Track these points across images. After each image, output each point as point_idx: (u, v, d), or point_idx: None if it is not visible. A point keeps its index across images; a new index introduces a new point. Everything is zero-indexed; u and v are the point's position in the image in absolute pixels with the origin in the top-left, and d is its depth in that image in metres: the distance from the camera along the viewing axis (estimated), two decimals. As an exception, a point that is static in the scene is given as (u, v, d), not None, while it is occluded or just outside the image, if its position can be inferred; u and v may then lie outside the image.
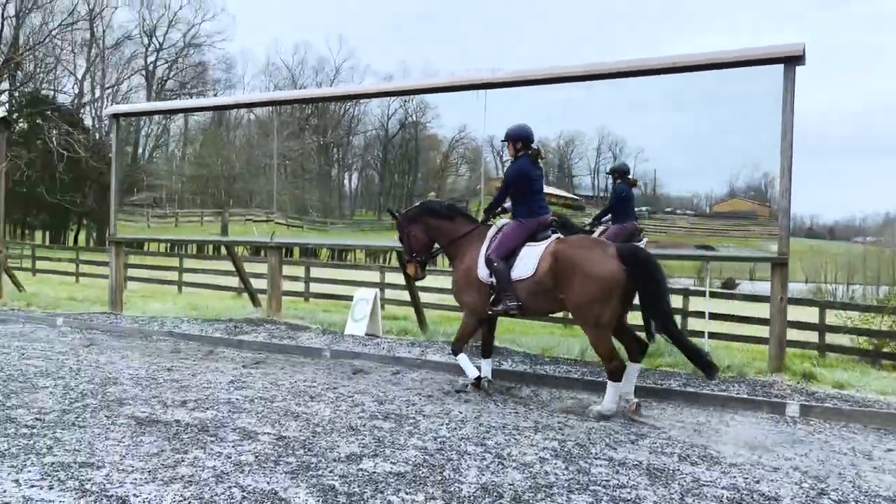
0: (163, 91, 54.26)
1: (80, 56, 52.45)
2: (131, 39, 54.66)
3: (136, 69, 55.92)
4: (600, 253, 5.44)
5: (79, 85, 52.55)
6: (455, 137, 17.79)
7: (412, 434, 4.74)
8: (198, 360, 7.28)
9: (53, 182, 40.43)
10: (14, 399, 5.27)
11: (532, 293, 5.69)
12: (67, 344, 8.04)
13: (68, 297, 13.02)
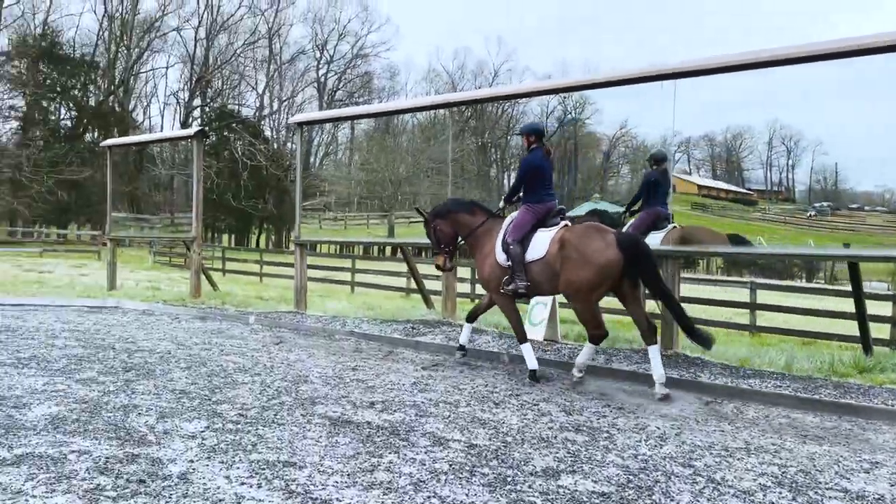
0: (333, 101, 57.25)
1: (261, 72, 56.54)
2: (305, 54, 58.17)
3: (309, 81, 59.42)
4: (601, 241, 5.99)
5: (259, 99, 56.66)
6: (616, 135, 16.97)
7: (609, 449, 4.42)
8: (379, 361, 7.39)
9: (238, 189, 43.81)
10: (218, 394, 5.55)
11: (542, 273, 6.28)
12: (259, 341, 8.49)
13: (256, 295, 13.91)
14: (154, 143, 15.33)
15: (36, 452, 3.92)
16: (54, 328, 8.88)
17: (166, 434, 4.40)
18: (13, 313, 10.33)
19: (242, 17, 53.64)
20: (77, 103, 46.83)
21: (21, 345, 7.47)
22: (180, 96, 54.66)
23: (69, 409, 4.88)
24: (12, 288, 13.71)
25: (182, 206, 34.15)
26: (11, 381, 5.66)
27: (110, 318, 10.22)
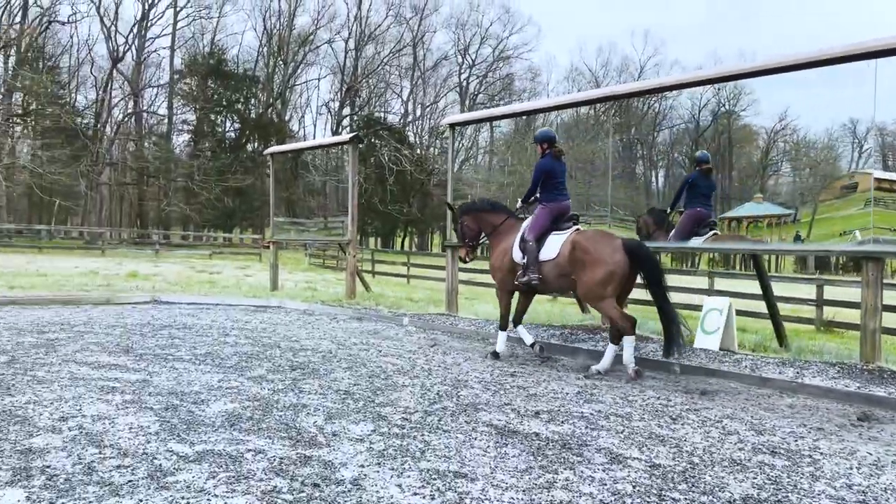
0: (474, 105, 57.74)
1: (405, 79, 58.05)
2: (447, 59, 59.09)
3: (451, 86, 60.27)
4: (607, 243, 6.56)
5: (404, 105, 58.18)
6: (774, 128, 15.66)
7: (816, 477, 3.87)
8: (538, 367, 7.11)
9: (385, 193, 45.14)
10: (381, 397, 5.50)
11: (552, 272, 6.84)
12: (415, 343, 8.48)
13: (406, 297, 14.08)
14: (313, 149, 15.99)
15: (215, 450, 3.99)
16: (225, 326, 9.35)
17: (335, 436, 4.37)
18: (189, 311, 11.03)
19: (389, 26, 55.40)
20: (240, 116, 50.34)
21: (197, 341, 7.89)
22: (331, 106, 57.32)
23: (243, 407, 5.00)
24: (187, 287, 14.76)
25: (334, 209, 35.83)
26: (191, 377, 5.92)
27: (275, 317, 10.66)
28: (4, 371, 5.83)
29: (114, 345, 7.42)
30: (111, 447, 3.97)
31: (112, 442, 4.06)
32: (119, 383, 5.59)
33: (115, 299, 11.76)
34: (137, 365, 6.36)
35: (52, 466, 3.60)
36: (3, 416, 4.47)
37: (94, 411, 4.71)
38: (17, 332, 8.00)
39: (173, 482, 3.45)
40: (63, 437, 4.13)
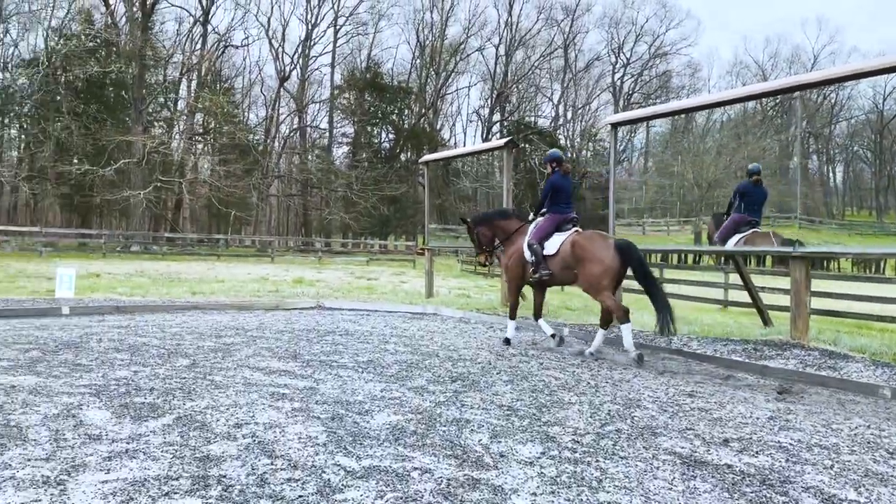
0: (629, 105, 55.91)
1: (556, 82, 57.34)
2: (600, 60, 57.70)
3: (604, 87, 58.77)
4: (603, 244, 7.61)
5: (554, 109, 57.49)
6: None
7: None
8: (718, 386, 6.49)
9: (535, 198, 44.62)
10: (547, 414, 5.19)
11: (557, 266, 7.86)
12: (577, 355, 8.08)
13: (562, 305, 13.65)
14: (467, 155, 16.00)
15: (381, 466, 3.87)
16: (385, 333, 9.45)
17: (503, 457, 4.12)
18: (350, 317, 11.31)
19: (540, 30, 55.03)
20: (395, 126, 52.05)
21: (359, 349, 7.99)
22: (482, 113, 57.82)
23: (406, 420, 4.89)
24: (348, 293, 15.25)
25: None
26: (354, 386, 5.93)
27: (431, 324, 10.67)
28: (186, 375, 6.13)
29: (283, 350, 7.67)
30: (282, 458, 3.96)
31: (283, 452, 4.06)
32: (288, 390, 5.68)
33: (284, 305, 12.32)
34: (305, 371, 6.48)
35: (228, 476, 3.63)
36: (185, 421, 4.63)
37: (265, 419, 4.78)
38: (198, 337, 8.51)
39: (342, 500, 3.34)
40: (238, 444, 4.19)
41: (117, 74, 37.62)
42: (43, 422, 4.48)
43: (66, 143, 38.77)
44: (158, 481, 3.52)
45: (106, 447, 4.03)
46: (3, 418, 4.51)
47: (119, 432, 4.33)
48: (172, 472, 3.66)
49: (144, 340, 8.00)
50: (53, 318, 9.85)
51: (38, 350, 7.08)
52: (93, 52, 37.90)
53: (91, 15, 42.67)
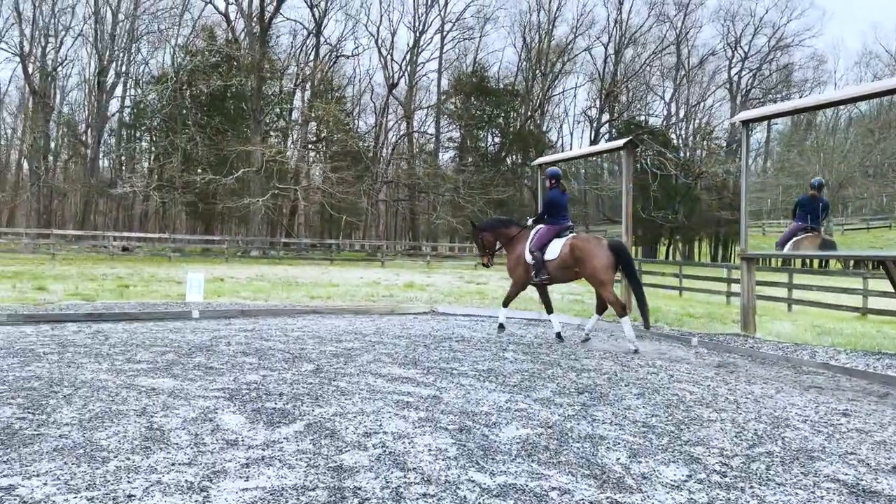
0: (746, 101, 53.24)
1: (667, 79, 55.44)
2: (715, 55, 55.31)
3: (720, 83, 56.27)
4: (598, 245, 8.76)
5: (666, 107, 55.59)
6: None
7: None
8: (875, 405, 5.89)
9: (647, 200, 43.31)
10: (687, 432, 4.85)
11: (557, 268, 8.95)
12: (710, 367, 7.62)
13: (684, 312, 13.02)
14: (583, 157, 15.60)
15: (517, 484, 3.69)
16: (502, 340, 9.28)
17: (645, 479, 3.85)
18: (465, 323, 11.23)
19: (651, 27, 53.38)
20: (501, 130, 51.94)
21: (477, 356, 7.86)
22: (590, 113, 56.72)
23: (536, 434, 4.69)
24: (459, 298, 15.20)
25: (595, 219, 35.16)
26: (478, 396, 5.79)
27: (549, 332, 10.40)
28: (312, 380, 6.20)
29: (402, 356, 7.65)
30: (414, 471, 3.86)
31: (414, 465, 3.97)
32: (412, 398, 5.62)
33: (398, 310, 12.40)
34: (426, 379, 6.41)
35: (363, 489, 3.57)
36: (316, 429, 4.64)
37: (393, 428, 4.72)
38: (319, 341, 8.66)
39: (481, 521, 3.19)
40: (369, 454, 4.13)
41: (238, 87, 39.58)
42: (183, 425, 4.61)
43: (191, 154, 41.18)
44: (296, 491, 3.50)
45: (243, 453, 4.07)
46: (147, 421, 4.68)
47: (254, 438, 4.38)
48: (308, 482, 3.64)
49: (269, 344, 8.21)
50: (185, 322, 10.33)
51: (173, 353, 7.40)
52: (215, 67, 40.06)
53: (213, 32, 45.17)
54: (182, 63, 41.08)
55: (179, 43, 44.99)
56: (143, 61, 49.40)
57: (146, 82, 48.47)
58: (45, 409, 4.87)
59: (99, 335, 8.55)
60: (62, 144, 50.35)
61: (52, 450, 4.00)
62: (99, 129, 45.56)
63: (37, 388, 5.50)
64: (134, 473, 3.68)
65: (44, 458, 3.86)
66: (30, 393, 5.31)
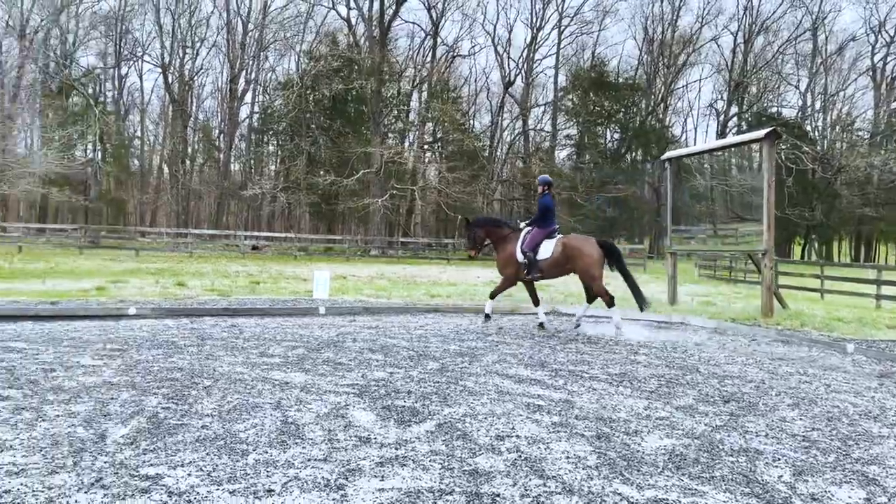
0: (892, 89, 48.94)
1: (802, 68, 51.93)
2: (856, 40, 51.23)
3: (861, 71, 52.09)
4: (588, 243, 9.75)
5: (801, 98, 52.09)
6: None
7: None
8: None
9: (781, 196, 40.70)
10: (856, 450, 4.33)
11: (549, 266, 9.78)
12: (870, 377, 6.89)
13: (831, 316, 11.99)
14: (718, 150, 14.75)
15: (669, 499, 3.39)
16: (631, 343, 8.85)
17: (815, 501, 3.43)
18: (588, 324, 10.84)
19: (784, 13, 50.15)
20: (621, 125, 50.46)
21: (608, 359, 7.50)
22: (717, 106, 54.07)
23: (683, 445, 4.33)
24: (580, 299, 14.72)
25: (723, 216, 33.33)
26: (613, 401, 5.47)
27: (682, 335, 9.84)
28: (439, 379, 6.09)
29: (528, 357, 7.42)
30: (554, 479, 3.63)
31: (553, 473, 3.74)
32: (543, 401, 5.38)
33: (519, 310, 12.17)
34: (556, 382, 6.15)
35: (501, 496, 3.38)
36: (447, 429, 4.50)
37: (526, 432, 4.51)
38: (442, 339, 8.57)
39: (634, 540, 2.92)
40: (503, 459, 3.94)
41: (358, 90, 40.67)
42: (316, 420, 4.60)
43: (315, 157, 42.74)
44: (433, 494, 3.36)
45: (376, 451, 3.99)
46: (282, 414, 4.71)
47: (386, 436, 4.30)
48: (445, 485, 3.49)
49: (394, 342, 8.21)
50: (312, 318, 10.57)
51: (303, 348, 7.53)
52: (337, 72, 41.37)
53: (336, 37, 46.69)
54: (306, 69, 42.73)
55: (304, 49, 46.83)
56: (271, 68, 51.84)
57: (273, 89, 50.82)
58: (186, 399, 5.02)
59: (234, 329, 8.88)
60: (198, 149, 53.70)
61: (194, 440, 4.08)
62: (231, 134, 48.21)
63: (179, 378, 5.71)
64: (272, 467, 3.67)
65: (187, 448, 3.94)
66: (173, 383, 5.51)
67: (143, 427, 4.30)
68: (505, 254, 10.15)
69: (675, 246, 14.04)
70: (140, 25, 48.79)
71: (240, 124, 49.86)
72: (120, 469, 3.56)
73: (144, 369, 6.03)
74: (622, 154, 50.18)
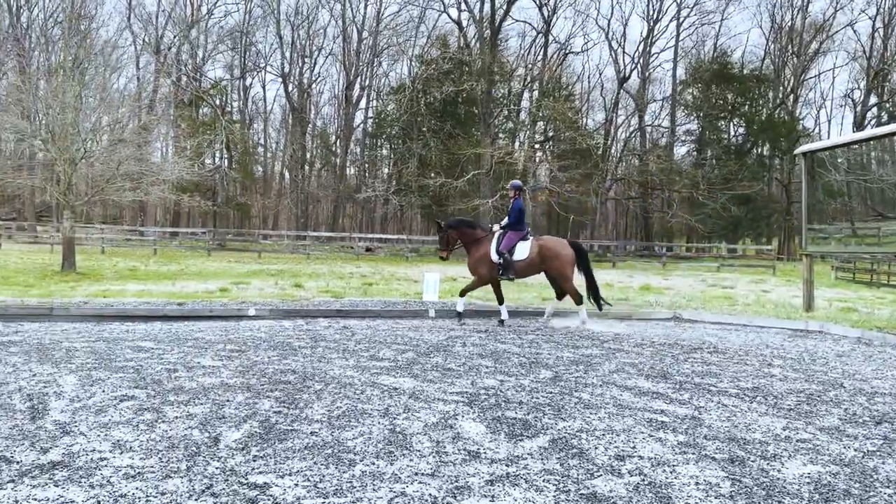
0: None
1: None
2: None
3: None
4: (563, 244, 10.28)
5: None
6: None
7: None
8: None
9: None
10: None
11: (524, 267, 10.14)
12: None
13: None
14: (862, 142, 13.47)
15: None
16: (763, 353, 8.16)
17: None
18: (714, 332, 10.18)
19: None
20: (747, 119, 47.75)
21: (737, 371, 6.93)
22: (853, 97, 50.18)
23: (830, 473, 3.85)
24: (704, 303, 13.93)
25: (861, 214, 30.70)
26: (746, 419, 4.99)
27: (820, 345, 9.01)
28: (552, 389, 5.80)
29: (648, 367, 6.98)
30: (682, 510, 3.28)
31: (682, 501, 3.39)
32: (667, 417, 4.98)
33: (637, 314, 11.61)
34: (680, 395, 5.71)
35: (623, 526, 3.07)
36: (562, 446, 4.22)
37: (649, 452, 4.15)
38: (554, 346, 8.25)
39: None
40: (625, 483, 3.63)
41: (468, 92, 40.72)
42: (424, 430, 4.44)
43: (426, 159, 43.17)
44: (547, 521, 3.11)
45: (486, 468, 3.78)
46: (390, 422, 4.59)
47: (496, 451, 4.08)
48: (560, 510, 3.23)
49: (504, 347, 7.98)
50: (422, 320, 10.52)
51: (412, 351, 7.44)
52: (447, 74, 41.61)
53: (447, 40, 47.00)
54: (418, 73, 43.28)
55: (415, 54, 47.49)
56: (384, 74, 52.91)
57: (386, 94, 51.86)
58: (297, 403, 5.01)
59: (346, 331, 8.95)
60: (316, 155, 55.66)
61: (303, 447, 4.03)
62: (346, 139, 49.61)
63: (292, 381, 5.74)
64: (378, 480, 3.54)
65: (296, 455, 3.88)
66: (286, 387, 5.54)
67: (255, 431, 4.30)
68: (478, 254, 10.38)
69: (812, 247, 12.92)
70: (262, 38, 51.08)
71: (355, 129, 51.22)
72: (230, 476, 3.53)
73: (260, 371, 6.12)
74: (747, 149, 47.40)
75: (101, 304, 10.42)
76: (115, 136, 19.18)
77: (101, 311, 9.80)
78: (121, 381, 5.58)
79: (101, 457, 3.76)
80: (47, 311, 9.61)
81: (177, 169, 21.39)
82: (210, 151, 44.98)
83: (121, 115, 21.22)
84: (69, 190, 16.97)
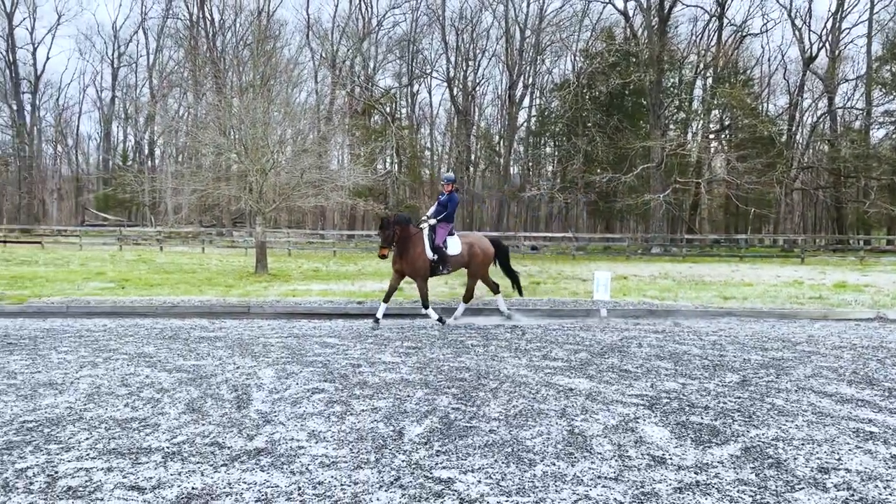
0: None
1: None
2: None
3: None
4: (486, 242, 10.38)
5: None
6: None
7: None
8: None
9: None
10: None
11: (458, 262, 10.01)
12: None
13: None
14: None
15: None
16: None
17: None
18: None
19: None
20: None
21: (961, 378, 6.12)
22: None
23: None
24: None
25: None
26: (977, 434, 4.38)
27: None
28: (740, 394, 5.45)
29: (850, 372, 6.35)
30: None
31: (902, 524, 3.04)
32: (876, 427, 4.51)
33: (833, 314, 10.63)
34: (890, 404, 5.15)
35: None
36: (756, 454, 3.96)
37: (857, 465, 3.78)
38: (740, 348, 7.75)
39: None
40: (831, 497, 3.34)
41: (636, 83, 39.38)
42: (604, 432, 4.35)
43: (591, 155, 42.31)
44: (744, 535, 2.92)
45: (673, 475, 3.62)
46: (568, 423, 4.54)
47: (683, 457, 3.90)
48: (758, 524, 3.02)
49: (685, 349, 7.62)
50: (593, 320, 10.32)
51: (585, 352, 7.32)
52: (613, 67, 40.50)
53: (612, 32, 45.79)
54: (582, 67, 42.54)
55: (579, 48, 46.71)
56: (547, 71, 52.58)
57: (549, 91, 51.50)
58: (474, 401, 5.10)
59: (516, 330, 9.00)
60: (480, 156, 56.48)
61: (483, 445, 4.09)
62: (510, 139, 49.85)
63: (467, 379, 5.86)
64: (560, 482, 3.51)
65: (476, 452, 3.95)
66: (461, 384, 5.66)
67: (436, 427, 4.43)
68: (415, 252, 9.88)
69: None
70: (428, 44, 52.69)
71: (518, 128, 51.35)
72: (416, 469, 3.67)
73: (436, 368, 6.30)
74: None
75: (291, 303, 11.25)
76: (298, 147, 20.65)
77: (291, 309, 10.60)
78: (312, 374, 5.99)
79: (299, 445, 4.06)
80: (245, 309, 10.56)
81: (353, 175, 22.60)
82: (382, 157, 47.14)
83: (302, 126, 22.82)
84: (261, 198, 18.51)
